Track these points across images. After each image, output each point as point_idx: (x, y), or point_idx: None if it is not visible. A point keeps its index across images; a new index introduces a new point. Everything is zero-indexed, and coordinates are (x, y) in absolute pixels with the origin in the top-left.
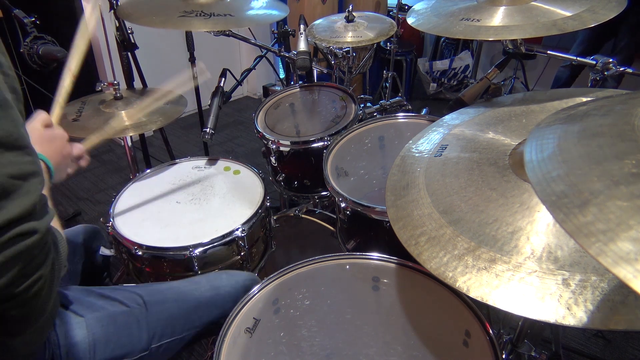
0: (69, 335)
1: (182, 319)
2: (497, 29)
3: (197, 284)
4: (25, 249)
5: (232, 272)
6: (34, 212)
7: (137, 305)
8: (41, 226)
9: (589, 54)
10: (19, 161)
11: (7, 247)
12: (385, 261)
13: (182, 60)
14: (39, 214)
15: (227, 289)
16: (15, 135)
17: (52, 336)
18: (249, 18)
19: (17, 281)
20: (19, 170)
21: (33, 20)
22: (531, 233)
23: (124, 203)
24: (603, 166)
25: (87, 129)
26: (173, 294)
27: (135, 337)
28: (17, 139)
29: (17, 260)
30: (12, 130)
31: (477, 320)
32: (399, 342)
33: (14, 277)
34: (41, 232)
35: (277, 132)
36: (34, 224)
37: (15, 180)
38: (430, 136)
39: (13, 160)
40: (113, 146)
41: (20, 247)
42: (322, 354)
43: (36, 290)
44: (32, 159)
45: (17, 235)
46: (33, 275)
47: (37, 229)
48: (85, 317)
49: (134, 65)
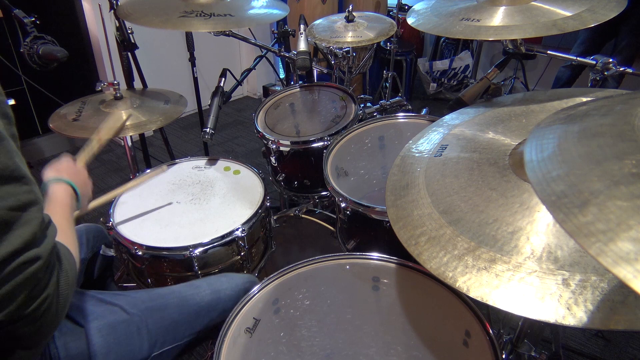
0: (69, 347)
1: (184, 325)
2: (497, 29)
3: (197, 288)
4: (30, 275)
5: (232, 275)
6: (35, 240)
7: (138, 312)
8: (43, 252)
9: (590, 54)
10: (16, 192)
11: (13, 277)
12: (385, 261)
13: (182, 60)
14: (40, 240)
15: (228, 292)
16: (12, 167)
17: (51, 348)
18: (249, 18)
19: (25, 304)
20: (17, 201)
21: (33, 20)
22: (531, 233)
23: (124, 203)
24: (603, 166)
25: (87, 129)
26: (174, 299)
27: (136, 346)
28: (13, 171)
29: (23, 287)
30: (8, 163)
31: (477, 320)
32: (399, 342)
33: (22, 301)
34: (44, 257)
35: (277, 132)
36: (36, 251)
37: (15, 212)
38: (430, 136)
39: (11, 192)
40: (113, 146)
41: (25, 275)
42: (322, 354)
43: (45, 308)
44: (29, 187)
45: (21, 264)
46: (40, 296)
47: (40, 255)
48: (86, 326)
49: (134, 65)
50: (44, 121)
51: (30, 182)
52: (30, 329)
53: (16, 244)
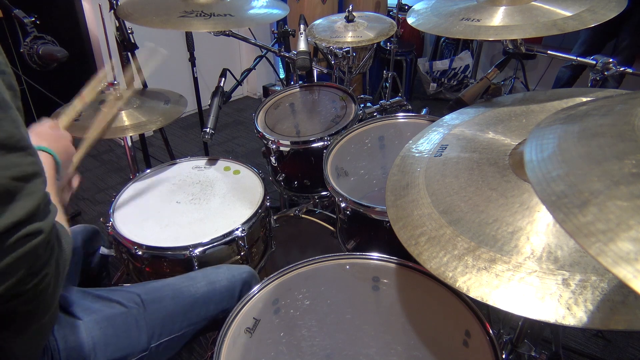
0: (68, 340)
1: (180, 316)
2: (497, 29)
3: (193, 280)
4: (31, 249)
5: (228, 266)
6: (38, 212)
7: (135, 305)
8: (46, 225)
9: (591, 54)
10: (21, 162)
11: (16, 249)
12: (385, 261)
13: (182, 60)
14: (43, 214)
15: (223, 283)
16: (17, 136)
17: (51, 341)
18: (249, 18)
19: (25, 279)
20: (21, 171)
21: (33, 20)
22: (531, 233)
23: (124, 203)
24: (603, 166)
25: (87, 129)
26: (170, 290)
27: (134, 338)
28: (18, 140)
29: (24, 260)
30: (14, 132)
31: (477, 320)
32: (399, 342)
33: (22, 276)
34: (46, 231)
35: (277, 132)
36: (38, 224)
37: (19, 182)
38: (430, 136)
39: (15, 161)
40: (113, 146)
41: (27, 248)
42: (322, 354)
43: (43, 286)
44: (34, 159)
45: (24, 236)
46: (40, 273)
47: (42, 229)
48: (84, 320)
49: (134, 65)
50: None
51: (34, 153)
52: (26, 308)
53: (20, 214)
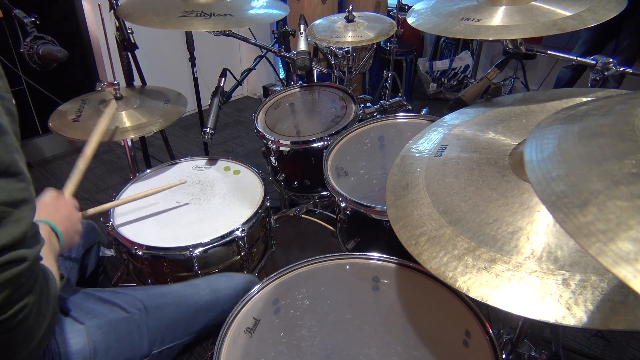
0: (69, 344)
1: (183, 324)
2: (497, 29)
3: (196, 288)
4: (13, 276)
5: (231, 275)
6: (24, 240)
7: (137, 311)
8: (31, 254)
9: (592, 54)
10: (10, 188)
11: None
12: (385, 261)
13: (182, 60)
14: (29, 242)
15: (227, 292)
16: (7, 161)
17: (52, 344)
18: (249, 18)
19: (2, 308)
20: (10, 197)
21: (33, 20)
22: (531, 233)
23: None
24: (603, 166)
25: (86, 130)
26: (173, 297)
27: (136, 344)
28: (9, 166)
29: (4, 287)
30: (5, 157)
31: (477, 320)
32: (399, 342)
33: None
34: (30, 260)
35: (277, 132)
36: (23, 252)
37: (6, 207)
38: (430, 136)
39: (4, 186)
40: (113, 146)
41: (8, 275)
42: (322, 354)
43: (21, 318)
44: (24, 185)
45: (6, 262)
46: (19, 303)
47: (26, 257)
48: (85, 324)
49: (134, 65)
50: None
51: (26, 180)
52: (3, 339)
53: (4, 240)
